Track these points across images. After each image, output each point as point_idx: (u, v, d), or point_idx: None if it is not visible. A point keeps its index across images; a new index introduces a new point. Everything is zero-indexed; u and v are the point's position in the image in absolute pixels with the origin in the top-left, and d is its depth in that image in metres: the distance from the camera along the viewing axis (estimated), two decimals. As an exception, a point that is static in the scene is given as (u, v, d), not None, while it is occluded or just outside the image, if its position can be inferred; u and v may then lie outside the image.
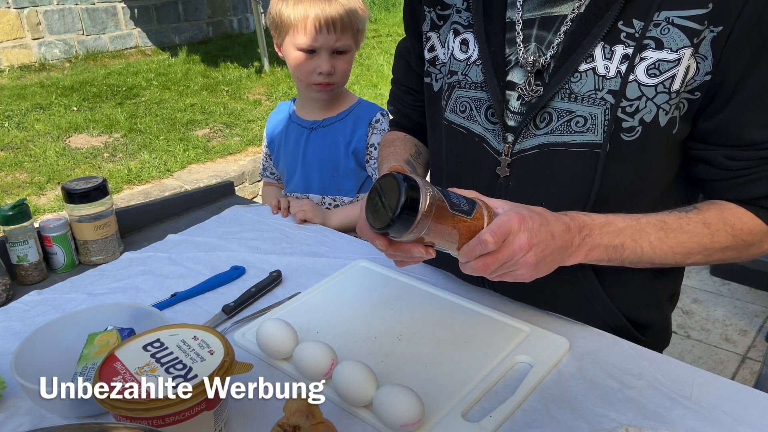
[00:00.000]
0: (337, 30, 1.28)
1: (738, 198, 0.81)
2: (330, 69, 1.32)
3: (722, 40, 0.72)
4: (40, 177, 3.74)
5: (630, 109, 0.77)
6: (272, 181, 1.61)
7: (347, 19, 1.29)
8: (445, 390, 0.73)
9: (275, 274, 1.02)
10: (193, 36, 7.13)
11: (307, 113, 1.45)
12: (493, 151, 0.87)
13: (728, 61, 0.73)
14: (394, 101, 1.14)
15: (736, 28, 0.71)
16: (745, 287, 2.57)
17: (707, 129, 0.79)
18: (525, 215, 0.69)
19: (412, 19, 1.01)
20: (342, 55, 1.33)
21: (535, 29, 0.83)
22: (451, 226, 0.68)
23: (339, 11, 1.27)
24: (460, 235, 0.69)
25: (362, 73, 6.12)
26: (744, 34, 0.72)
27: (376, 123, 1.40)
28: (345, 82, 1.39)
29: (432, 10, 0.94)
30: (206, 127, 4.70)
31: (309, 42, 1.29)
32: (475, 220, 0.69)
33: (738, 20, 0.71)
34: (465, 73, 0.89)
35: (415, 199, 0.64)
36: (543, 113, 0.82)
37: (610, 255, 0.77)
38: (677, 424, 0.68)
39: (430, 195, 0.66)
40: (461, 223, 0.68)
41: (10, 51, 5.59)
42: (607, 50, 0.77)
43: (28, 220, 1.08)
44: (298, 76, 1.36)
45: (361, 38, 1.38)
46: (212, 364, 0.64)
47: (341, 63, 1.34)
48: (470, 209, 0.70)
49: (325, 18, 1.27)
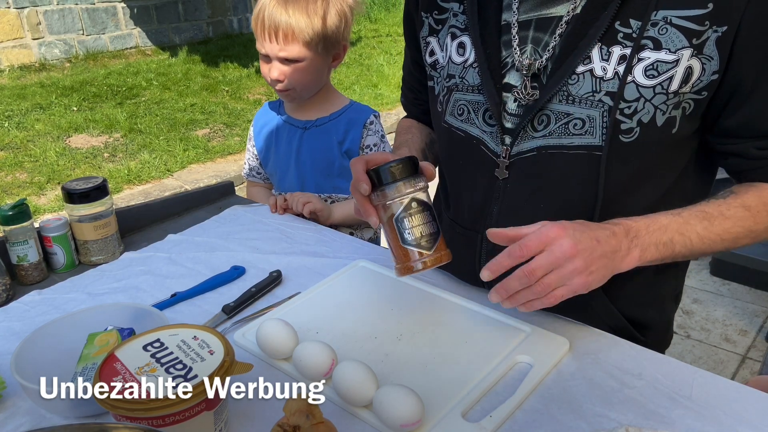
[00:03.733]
0: (280, 40, 1.28)
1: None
2: (278, 76, 1.32)
3: (729, 40, 0.73)
4: (40, 177, 3.74)
5: (628, 111, 0.77)
6: (258, 181, 1.59)
7: (291, 31, 1.27)
8: (445, 390, 0.73)
9: (275, 274, 1.02)
10: (193, 36, 7.13)
11: (299, 113, 1.45)
12: (492, 154, 0.87)
13: (741, 58, 0.74)
14: (403, 95, 1.17)
15: (744, 26, 0.72)
16: (745, 287, 2.57)
17: (733, 125, 0.80)
18: (565, 224, 0.70)
19: (409, 26, 1.02)
20: (294, 64, 1.31)
21: (531, 31, 0.83)
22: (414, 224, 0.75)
23: (284, 22, 1.26)
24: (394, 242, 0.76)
25: (362, 73, 6.12)
26: (754, 30, 0.72)
27: (371, 125, 1.41)
28: (304, 89, 1.37)
29: (429, 16, 0.95)
30: (206, 127, 4.70)
31: (260, 48, 1.32)
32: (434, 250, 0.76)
33: (744, 18, 0.71)
34: (462, 76, 0.89)
35: (415, 164, 0.76)
36: (541, 116, 0.82)
37: (662, 253, 0.77)
38: (677, 424, 0.68)
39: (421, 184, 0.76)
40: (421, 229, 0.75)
41: (10, 51, 5.59)
42: (604, 51, 0.77)
43: (28, 220, 1.08)
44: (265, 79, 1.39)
45: (332, 49, 1.35)
46: (212, 364, 0.64)
47: (295, 72, 1.32)
48: (436, 233, 0.76)
49: (269, 26, 1.27)
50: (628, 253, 0.74)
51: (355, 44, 7.18)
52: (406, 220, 0.75)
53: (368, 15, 8.62)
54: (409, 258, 0.75)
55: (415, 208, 0.75)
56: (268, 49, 1.30)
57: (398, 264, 0.77)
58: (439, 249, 0.76)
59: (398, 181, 0.75)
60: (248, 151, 1.56)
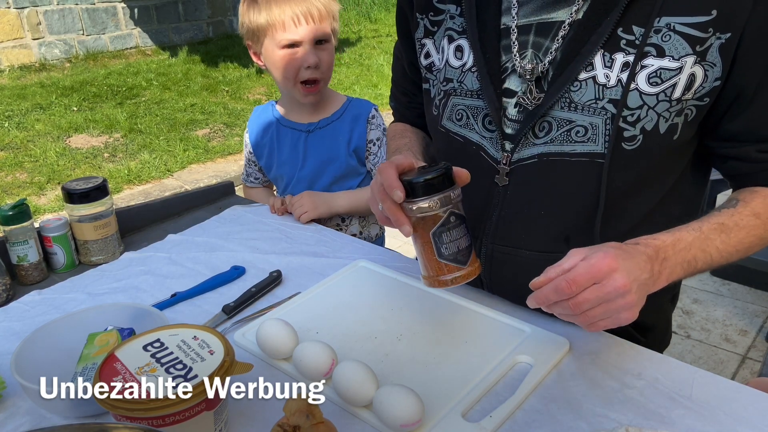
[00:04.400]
0: (315, 19, 1.28)
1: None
2: (316, 60, 1.30)
3: (732, 46, 0.72)
4: (40, 177, 3.74)
5: (631, 119, 0.77)
6: (256, 185, 1.57)
7: (322, 7, 1.29)
8: (445, 390, 0.73)
9: (275, 274, 1.02)
10: (193, 36, 7.13)
11: (298, 116, 1.42)
12: (492, 160, 0.86)
13: (745, 65, 0.74)
14: (394, 99, 1.15)
15: (747, 33, 0.72)
16: (745, 287, 2.57)
17: (735, 129, 0.80)
18: (614, 254, 0.66)
19: (404, 26, 1.00)
20: (324, 45, 1.32)
21: (531, 36, 0.82)
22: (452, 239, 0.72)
23: (312, 1, 1.28)
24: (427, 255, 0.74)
25: (362, 73, 6.12)
26: (758, 38, 0.72)
27: (372, 119, 1.40)
28: (330, 76, 1.38)
29: (425, 17, 0.93)
30: (206, 127, 4.71)
31: (291, 36, 1.28)
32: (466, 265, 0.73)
33: (748, 25, 0.71)
34: (460, 80, 0.88)
35: (451, 174, 0.73)
36: (542, 122, 0.81)
37: (686, 271, 0.75)
38: (677, 424, 0.68)
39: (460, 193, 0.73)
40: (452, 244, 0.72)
41: (10, 51, 5.59)
42: (606, 58, 0.76)
43: (28, 220, 1.08)
44: (285, 76, 1.33)
45: (337, 27, 1.37)
46: (212, 364, 0.64)
47: (325, 54, 1.33)
48: (470, 246, 0.74)
49: (301, 11, 1.27)
50: (659, 276, 0.71)
51: (355, 44, 7.19)
52: (444, 235, 0.72)
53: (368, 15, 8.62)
54: (443, 272, 0.73)
55: (453, 222, 0.72)
56: (303, 34, 1.28)
57: (430, 274, 0.74)
58: (473, 263, 0.74)
59: (437, 194, 0.71)
60: (245, 157, 1.55)
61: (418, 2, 0.93)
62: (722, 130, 0.81)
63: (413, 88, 1.06)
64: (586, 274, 0.65)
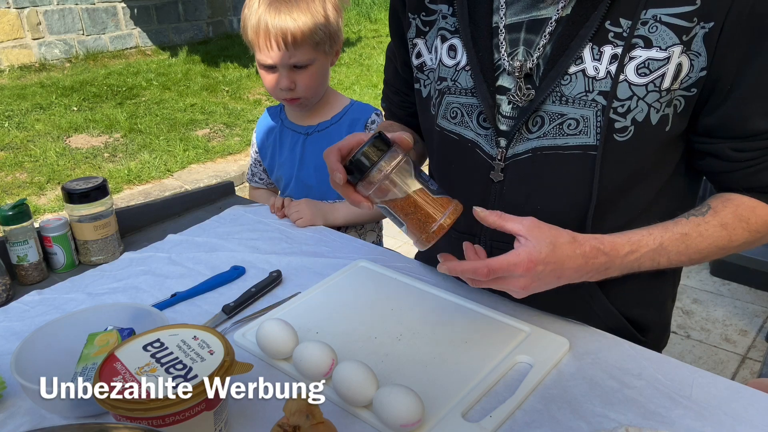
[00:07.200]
0: (289, 46, 1.24)
1: (748, 187, 0.82)
2: (289, 84, 1.29)
3: (715, 36, 0.73)
4: (40, 177, 3.74)
5: (622, 110, 0.77)
6: (261, 186, 1.57)
7: (300, 34, 1.24)
8: (445, 390, 0.73)
9: (275, 274, 1.02)
10: (193, 36, 7.13)
11: (299, 118, 1.43)
12: (487, 157, 0.87)
13: (723, 55, 0.74)
14: (386, 100, 1.15)
15: (728, 23, 0.72)
16: (745, 287, 2.57)
17: (711, 123, 0.80)
18: (537, 260, 0.70)
19: (396, 26, 1.00)
20: (302, 70, 1.29)
21: (522, 33, 0.83)
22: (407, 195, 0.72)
23: (293, 26, 1.23)
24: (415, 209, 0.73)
25: (362, 73, 6.12)
26: (737, 27, 0.72)
27: (372, 124, 1.39)
28: (314, 94, 1.35)
29: (417, 17, 0.93)
30: (206, 127, 4.71)
31: (265, 59, 1.27)
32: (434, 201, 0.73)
33: (729, 14, 0.72)
34: (454, 79, 0.89)
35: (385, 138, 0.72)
36: (535, 117, 0.82)
37: (623, 272, 0.79)
38: (677, 424, 0.68)
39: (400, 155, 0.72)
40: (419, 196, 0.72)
41: (10, 51, 5.59)
42: (595, 51, 0.77)
43: (28, 220, 1.08)
44: (268, 90, 1.35)
45: (335, 45, 1.33)
46: (212, 364, 0.64)
47: (302, 77, 1.29)
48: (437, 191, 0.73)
49: (275, 34, 1.23)
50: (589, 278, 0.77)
51: (355, 44, 7.19)
52: (422, 173, 0.74)
53: (368, 15, 8.62)
54: (438, 213, 0.73)
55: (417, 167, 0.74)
56: (275, 59, 1.26)
57: (421, 234, 0.74)
58: (449, 201, 0.74)
59: (378, 162, 0.72)
60: (251, 156, 1.55)
61: (410, 2, 0.94)
62: (699, 124, 0.81)
63: (405, 88, 1.07)
64: (505, 268, 0.70)
